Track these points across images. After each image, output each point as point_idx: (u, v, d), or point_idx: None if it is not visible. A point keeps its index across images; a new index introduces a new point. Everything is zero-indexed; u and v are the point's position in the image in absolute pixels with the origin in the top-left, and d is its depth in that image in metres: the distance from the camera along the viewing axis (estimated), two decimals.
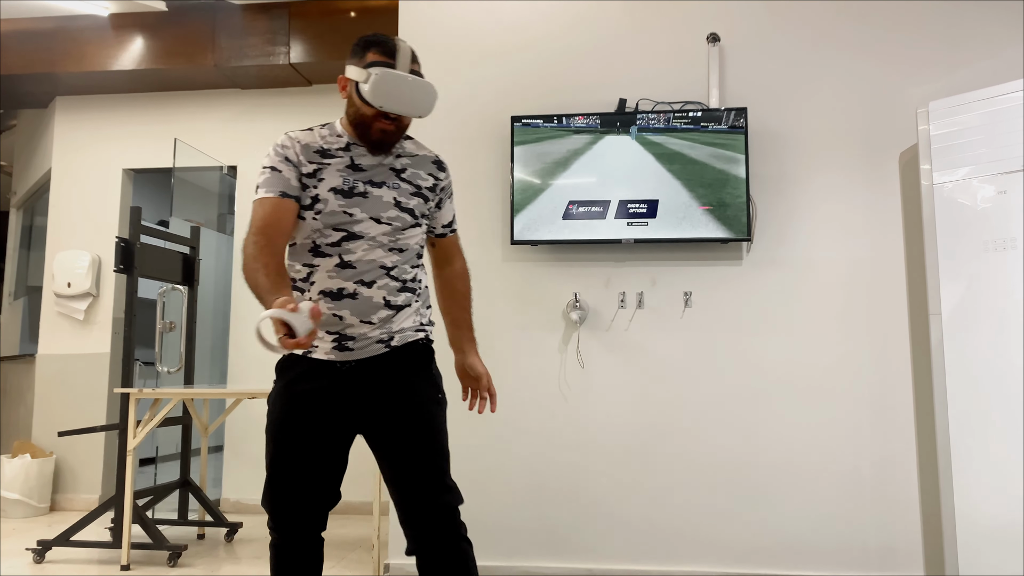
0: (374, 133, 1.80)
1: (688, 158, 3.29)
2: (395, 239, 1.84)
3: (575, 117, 3.37)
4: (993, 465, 2.71)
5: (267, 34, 4.85)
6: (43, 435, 5.18)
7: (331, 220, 1.80)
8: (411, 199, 1.87)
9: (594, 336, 3.43)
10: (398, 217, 1.84)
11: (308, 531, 1.85)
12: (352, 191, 1.82)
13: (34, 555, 3.67)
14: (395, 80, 1.74)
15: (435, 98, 1.81)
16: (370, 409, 1.82)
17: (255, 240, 1.73)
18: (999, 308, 2.74)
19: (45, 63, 5.00)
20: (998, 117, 2.77)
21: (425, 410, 1.83)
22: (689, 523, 3.29)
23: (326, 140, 1.86)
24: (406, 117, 1.81)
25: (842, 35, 3.41)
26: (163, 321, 4.62)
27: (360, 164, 1.85)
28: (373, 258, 1.81)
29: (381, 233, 1.83)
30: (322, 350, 1.81)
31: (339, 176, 1.83)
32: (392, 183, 1.86)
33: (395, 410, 1.81)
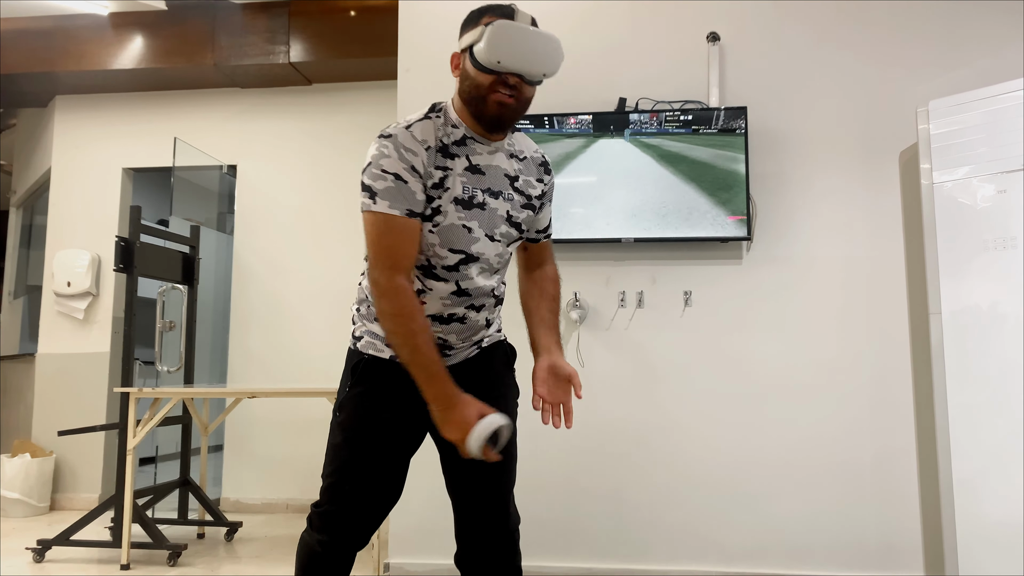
0: (490, 107, 1.55)
1: (691, 159, 3.28)
2: (502, 259, 1.70)
3: (567, 119, 3.37)
4: (993, 464, 2.71)
5: (267, 33, 4.84)
6: (43, 434, 5.18)
7: (450, 237, 1.58)
8: (521, 212, 1.70)
9: (594, 335, 3.43)
10: (507, 233, 1.67)
11: (363, 538, 1.69)
12: (471, 201, 1.60)
13: (34, 554, 3.67)
14: (515, 31, 1.52)
15: (561, 55, 1.57)
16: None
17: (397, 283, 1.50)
18: (999, 307, 2.74)
19: (45, 62, 5.00)
20: (998, 116, 2.77)
21: (512, 414, 1.76)
22: (689, 522, 3.29)
23: (444, 132, 1.60)
24: (527, 89, 1.57)
25: (842, 34, 3.40)
26: (163, 320, 4.62)
27: (478, 165, 1.62)
28: (483, 284, 1.66)
29: (494, 253, 1.66)
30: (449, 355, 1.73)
31: (460, 183, 1.59)
32: (507, 193, 1.66)
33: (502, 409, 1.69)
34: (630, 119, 3.33)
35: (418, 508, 3.32)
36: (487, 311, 1.72)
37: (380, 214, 1.51)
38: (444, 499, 3.42)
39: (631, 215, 3.31)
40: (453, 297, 1.63)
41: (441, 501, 3.39)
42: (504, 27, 1.52)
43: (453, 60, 1.66)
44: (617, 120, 3.34)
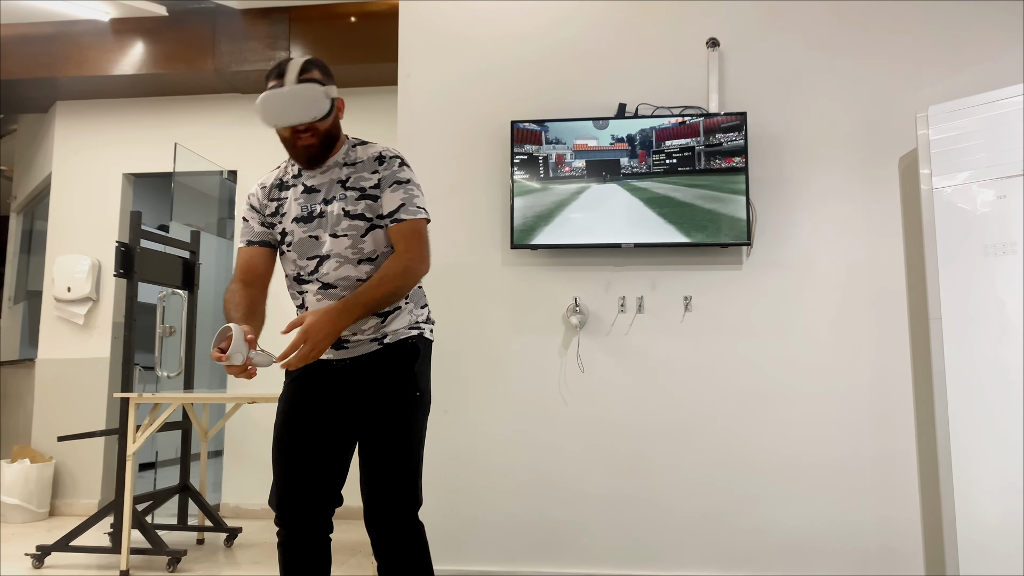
0: (299, 151, 1.88)
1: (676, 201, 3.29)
2: (358, 249, 1.90)
3: (562, 168, 3.38)
4: (993, 467, 2.70)
5: (267, 38, 4.85)
6: (43, 440, 5.18)
7: (302, 249, 1.93)
8: (357, 204, 1.91)
9: (594, 340, 3.42)
10: (351, 226, 1.90)
11: (312, 527, 1.90)
12: (311, 215, 1.92)
13: (33, 560, 3.66)
14: (270, 98, 1.81)
15: (320, 100, 1.83)
16: (357, 405, 1.91)
17: (229, 288, 1.98)
18: (999, 312, 2.73)
19: (46, 67, 5.01)
20: (998, 121, 2.78)
21: (399, 412, 1.89)
22: (690, 526, 3.28)
23: (285, 172, 2.00)
24: (320, 124, 1.86)
25: (842, 39, 3.41)
26: (163, 326, 4.62)
27: (313, 186, 1.94)
28: (347, 274, 1.90)
29: (344, 247, 1.90)
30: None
31: (297, 205, 1.94)
32: (340, 194, 1.91)
33: (372, 411, 1.89)
34: (621, 164, 3.33)
35: (432, 512, 3.31)
36: None
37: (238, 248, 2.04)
38: (441, 503, 3.42)
39: (632, 216, 3.31)
40: (321, 292, 1.92)
41: (438, 505, 3.39)
42: (264, 99, 1.81)
43: None
44: (610, 166, 3.35)
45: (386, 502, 1.86)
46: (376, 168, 1.93)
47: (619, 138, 3.35)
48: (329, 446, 1.92)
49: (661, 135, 3.33)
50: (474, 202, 3.55)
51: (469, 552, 3.39)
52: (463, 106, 3.61)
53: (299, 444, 1.90)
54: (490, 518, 3.39)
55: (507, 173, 3.51)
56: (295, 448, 1.90)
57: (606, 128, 3.37)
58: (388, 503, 1.86)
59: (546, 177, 3.38)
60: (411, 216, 1.91)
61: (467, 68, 3.63)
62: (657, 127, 3.34)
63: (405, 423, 1.90)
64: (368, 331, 1.92)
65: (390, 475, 1.86)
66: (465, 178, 3.57)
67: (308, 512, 1.90)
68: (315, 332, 1.72)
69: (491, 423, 3.45)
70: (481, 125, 3.58)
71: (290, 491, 1.89)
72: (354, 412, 1.92)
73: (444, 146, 3.60)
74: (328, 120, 1.88)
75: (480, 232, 3.53)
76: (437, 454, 3.43)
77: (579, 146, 3.38)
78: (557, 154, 3.39)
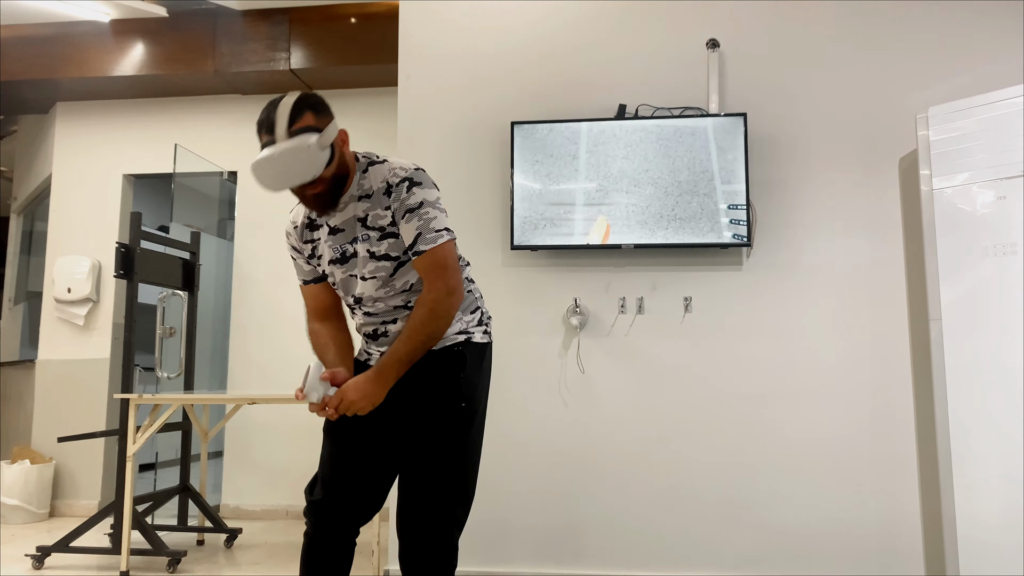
0: (308, 201, 1.79)
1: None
2: (390, 287, 1.86)
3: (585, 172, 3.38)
4: (994, 467, 2.70)
5: (267, 40, 4.86)
6: (43, 441, 5.18)
7: (345, 288, 1.92)
8: (380, 244, 1.83)
9: (594, 341, 3.43)
10: (378, 267, 1.84)
11: (343, 532, 1.88)
12: (345, 256, 1.88)
13: (33, 561, 3.66)
14: (263, 164, 1.69)
15: (316, 152, 1.69)
16: (401, 416, 1.87)
17: (309, 327, 2.01)
18: (999, 313, 2.74)
19: (46, 69, 5.01)
20: (998, 122, 2.78)
21: (440, 425, 1.84)
22: (691, 527, 3.28)
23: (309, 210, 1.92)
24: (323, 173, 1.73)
25: (842, 40, 3.41)
26: (163, 327, 4.62)
27: (336, 226, 1.87)
28: (383, 308, 1.89)
29: (375, 289, 1.86)
30: (375, 357, 1.95)
31: (329, 248, 1.89)
32: (363, 235, 1.84)
33: (413, 424, 1.85)
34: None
35: None
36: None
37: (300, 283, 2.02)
38: None
39: (631, 218, 3.31)
40: (366, 318, 1.93)
41: None
42: (256, 166, 1.70)
43: None
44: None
45: (418, 523, 1.82)
46: (387, 203, 1.80)
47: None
48: (375, 457, 1.89)
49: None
50: (474, 203, 3.55)
51: (468, 552, 3.39)
52: (463, 107, 3.61)
53: (346, 451, 1.89)
54: (490, 519, 3.39)
55: (507, 174, 3.51)
56: (342, 455, 1.89)
57: (607, 129, 3.37)
58: (420, 524, 1.82)
59: (547, 178, 3.38)
60: (429, 245, 1.78)
61: (467, 69, 3.63)
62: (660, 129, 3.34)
63: (446, 437, 1.84)
64: None
65: (426, 494, 1.81)
66: (465, 179, 3.57)
67: (343, 520, 1.88)
68: (351, 395, 1.75)
69: (491, 424, 3.44)
70: (481, 126, 3.58)
71: (331, 497, 1.87)
72: (399, 423, 1.87)
73: (444, 147, 3.60)
74: (332, 167, 1.75)
75: (480, 233, 3.53)
76: None
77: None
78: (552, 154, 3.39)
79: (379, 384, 1.76)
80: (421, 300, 1.81)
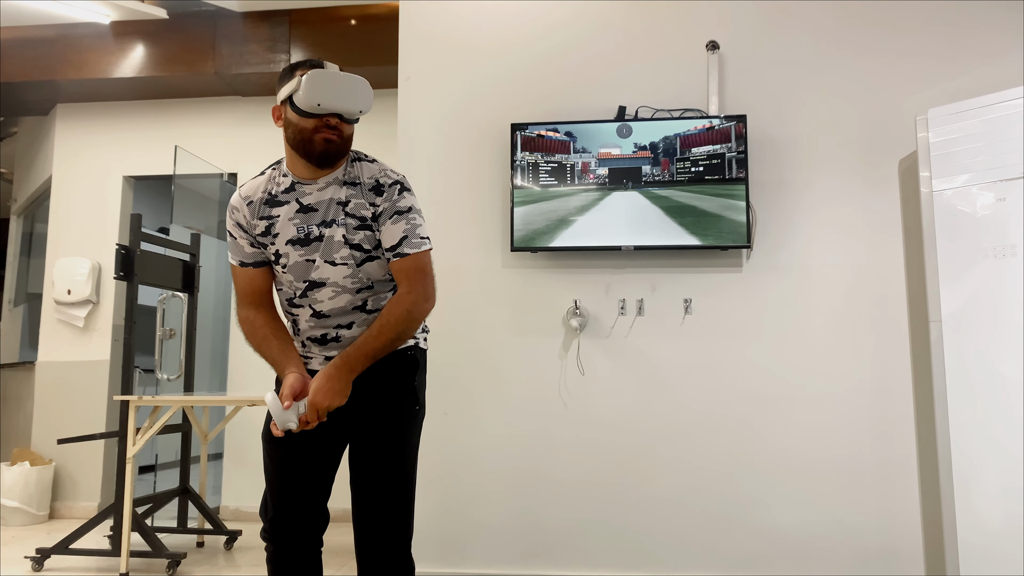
0: (317, 145, 1.73)
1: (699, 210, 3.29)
2: (357, 278, 1.81)
3: (585, 176, 3.38)
4: (994, 468, 2.70)
5: (268, 41, 4.86)
6: (42, 442, 5.17)
7: (297, 272, 1.82)
8: (356, 233, 1.79)
9: (594, 343, 3.42)
10: (350, 255, 1.79)
11: (301, 539, 1.84)
12: (308, 237, 1.80)
13: (33, 563, 3.66)
14: (328, 77, 1.70)
15: (371, 93, 1.76)
16: (350, 417, 1.83)
17: (242, 315, 1.89)
18: (999, 315, 2.74)
19: (46, 70, 5.01)
20: (997, 124, 2.78)
21: (397, 426, 1.83)
22: (690, 529, 3.28)
23: (275, 183, 1.84)
24: (347, 127, 1.76)
25: (841, 42, 3.41)
26: (163, 328, 4.62)
27: (309, 204, 1.80)
28: (343, 304, 1.82)
29: (342, 276, 1.80)
30: (316, 362, 1.89)
31: (292, 226, 1.81)
32: (340, 220, 1.79)
33: (368, 426, 1.82)
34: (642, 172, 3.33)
35: (432, 516, 3.31)
36: (365, 326, 1.84)
37: (231, 264, 1.92)
38: (441, 505, 3.42)
39: (632, 220, 3.31)
40: (314, 320, 1.84)
41: (437, 507, 3.39)
42: (318, 74, 1.69)
43: (275, 113, 1.82)
44: (630, 174, 3.35)
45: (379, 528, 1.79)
46: (374, 200, 1.79)
47: (641, 146, 3.36)
48: (323, 463, 1.85)
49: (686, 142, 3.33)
50: (474, 205, 3.55)
51: (469, 555, 3.39)
52: (463, 109, 3.61)
53: (292, 460, 1.83)
54: (490, 520, 3.39)
55: (507, 176, 3.51)
56: (289, 464, 1.83)
57: (606, 130, 3.37)
58: (382, 529, 1.79)
59: (562, 187, 3.39)
60: (414, 250, 1.79)
61: (467, 71, 3.63)
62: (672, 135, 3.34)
63: (401, 437, 1.83)
64: None
65: (385, 496, 1.79)
66: (465, 181, 3.57)
67: (301, 530, 1.84)
68: (322, 401, 1.69)
69: (491, 426, 3.44)
70: (481, 128, 3.58)
71: (284, 509, 1.82)
72: (348, 427, 1.84)
73: (444, 149, 3.60)
74: (354, 126, 1.80)
75: (480, 235, 3.53)
76: (436, 457, 3.43)
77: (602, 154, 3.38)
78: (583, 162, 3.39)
79: (344, 378, 1.72)
80: (398, 299, 1.78)
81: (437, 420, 3.44)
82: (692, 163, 3.29)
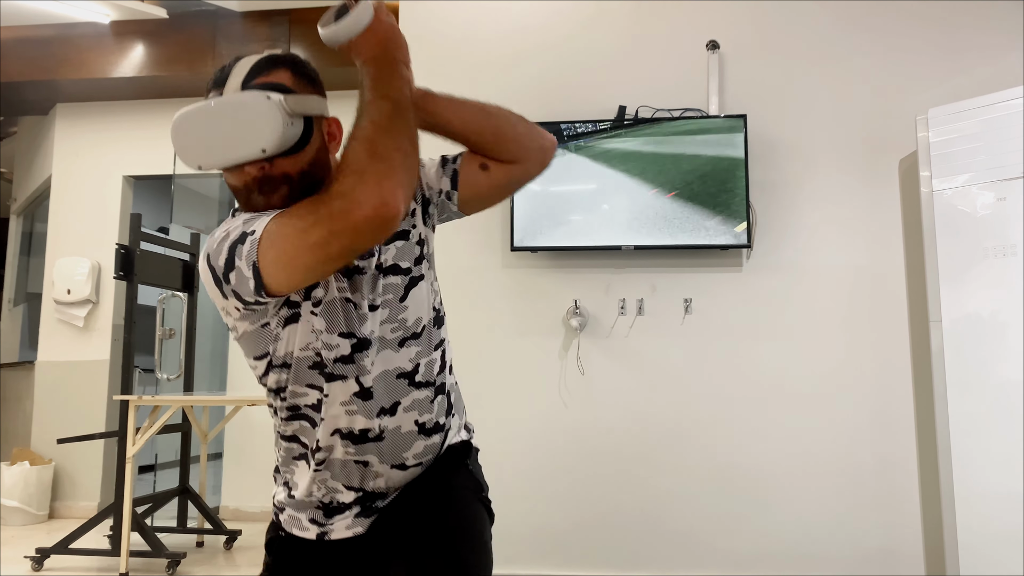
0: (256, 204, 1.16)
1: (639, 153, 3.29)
2: (400, 319, 1.23)
3: (574, 125, 3.38)
4: (994, 469, 2.70)
5: (268, 41, 4.85)
6: (42, 442, 5.17)
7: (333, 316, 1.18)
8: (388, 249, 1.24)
9: (594, 342, 3.42)
10: (390, 285, 1.22)
11: None
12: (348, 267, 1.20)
13: (33, 563, 3.66)
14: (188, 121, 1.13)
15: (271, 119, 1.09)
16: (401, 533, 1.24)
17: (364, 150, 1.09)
18: (999, 314, 2.73)
19: (46, 70, 5.01)
20: (997, 124, 2.78)
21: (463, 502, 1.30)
22: (690, 529, 3.28)
23: None
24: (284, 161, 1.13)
25: (842, 42, 3.41)
26: (163, 328, 4.62)
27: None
28: (386, 368, 1.22)
29: (382, 320, 1.22)
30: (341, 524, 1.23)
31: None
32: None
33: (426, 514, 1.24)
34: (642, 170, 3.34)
35: None
36: (414, 411, 1.23)
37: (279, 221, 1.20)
38: None
39: (631, 220, 3.31)
40: (356, 400, 1.19)
41: None
42: (179, 124, 1.13)
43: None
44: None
45: None
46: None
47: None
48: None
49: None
50: None
51: None
52: None
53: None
54: None
55: None
56: None
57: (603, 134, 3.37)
58: None
59: (547, 179, 3.39)
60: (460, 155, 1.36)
61: (466, 70, 3.63)
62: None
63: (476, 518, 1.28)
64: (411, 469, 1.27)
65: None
66: None
67: None
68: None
69: (491, 425, 3.44)
70: None
71: None
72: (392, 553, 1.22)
73: (444, 148, 3.59)
74: (308, 153, 1.15)
75: (480, 235, 3.53)
76: None
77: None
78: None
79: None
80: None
81: None
82: (692, 162, 3.29)
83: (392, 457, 1.22)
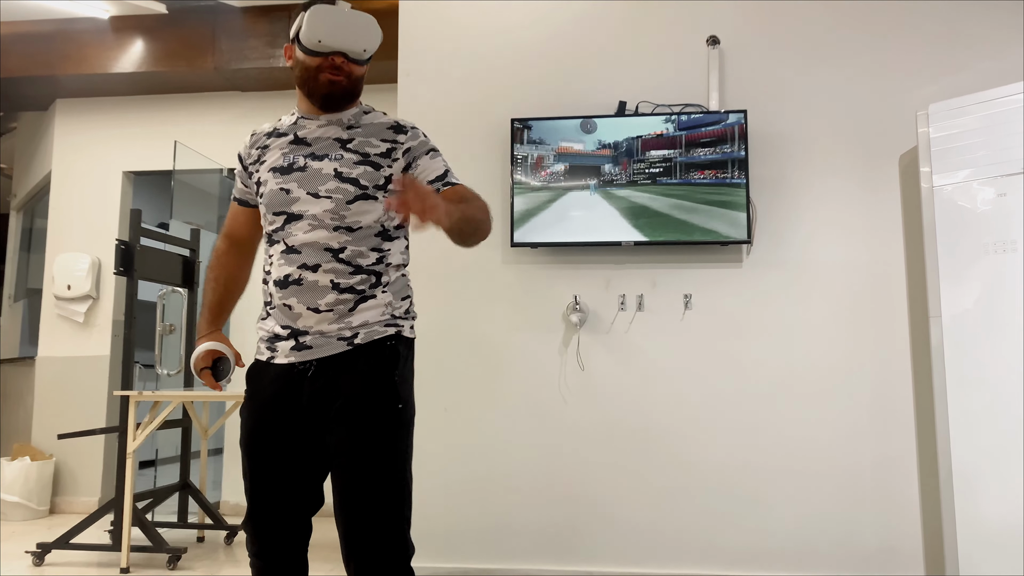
0: (322, 86, 1.69)
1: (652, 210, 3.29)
2: (340, 216, 1.67)
3: (541, 171, 3.38)
4: (993, 467, 2.70)
5: (267, 36, 4.85)
6: (43, 438, 5.18)
7: (272, 201, 1.71)
8: (355, 168, 1.69)
9: (594, 338, 3.42)
10: (339, 189, 1.67)
11: (287, 558, 1.69)
12: (291, 167, 1.71)
13: (33, 558, 3.67)
14: (330, 13, 1.65)
15: (378, 33, 1.69)
16: (327, 421, 1.65)
17: (216, 246, 1.88)
18: (999, 311, 2.73)
19: (45, 66, 5.00)
20: (998, 119, 2.77)
21: (379, 433, 1.62)
22: (690, 525, 3.28)
23: (281, 121, 1.81)
24: (355, 68, 1.71)
25: (842, 38, 3.41)
26: (163, 323, 4.62)
27: (305, 138, 1.74)
28: (315, 239, 1.66)
29: (322, 210, 1.67)
30: (282, 352, 1.68)
31: (280, 153, 1.74)
32: (335, 155, 1.71)
33: (345, 434, 1.63)
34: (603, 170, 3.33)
35: (432, 511, 3.32)
36: (331, 274, 1.65)
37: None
38: (441, 501, 3.42)
39: (632, 216, 3.31)
40: (283, 257, 1.69)
41: (438, 503, 3.39)
42: (320, 10, 1.64)
43: (286, 52, 1.77)
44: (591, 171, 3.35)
45: (370, 550, 1.59)
46: (390, 136, 1.74)
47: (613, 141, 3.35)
48: (300, 476, 1.67)
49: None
50: None
51: (468, 550, 3.39)
52: (463, 104, 3.61)
53: (267, 475, 1.67)
54: (490, 516, 3.39)
55: (507, 171, 3.51)
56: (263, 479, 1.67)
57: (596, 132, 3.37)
58: (373, 551, 1.59)
59: (547, 175, 3.38)
60: (458, 182, 1.76)
61: (467, 66, 3.62)
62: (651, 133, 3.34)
63: (387, 446, 1.62)
64: (333, 321, 1.66)
65: (373, 515, 1.59)
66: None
67: (285, 548, 1.68)
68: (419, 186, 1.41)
69: (491, 421, 3.45)
70: (481, 123, 3.58)
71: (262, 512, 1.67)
72: (324, 432, 1.66)
73: (443, 144, 3.56)
74: (365, 67, 1.74)
75: None
76: (436, 453, 3.43)
77: (563, 148, 3.37)
78: (538, 155, 3.39)
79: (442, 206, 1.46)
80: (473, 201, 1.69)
81: (437, 415, 3.44)
82: (693, 160, 3.29)
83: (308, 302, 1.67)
